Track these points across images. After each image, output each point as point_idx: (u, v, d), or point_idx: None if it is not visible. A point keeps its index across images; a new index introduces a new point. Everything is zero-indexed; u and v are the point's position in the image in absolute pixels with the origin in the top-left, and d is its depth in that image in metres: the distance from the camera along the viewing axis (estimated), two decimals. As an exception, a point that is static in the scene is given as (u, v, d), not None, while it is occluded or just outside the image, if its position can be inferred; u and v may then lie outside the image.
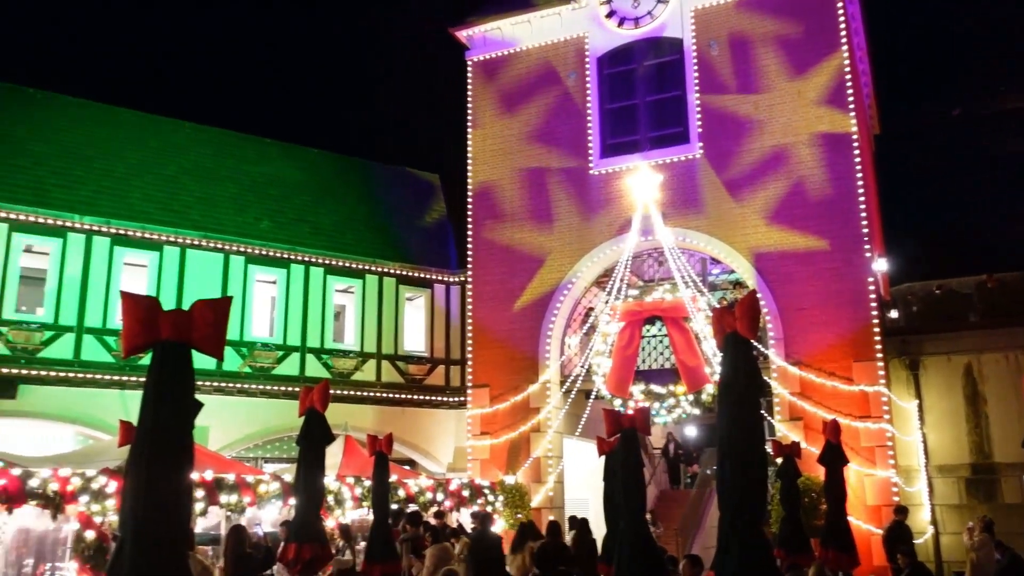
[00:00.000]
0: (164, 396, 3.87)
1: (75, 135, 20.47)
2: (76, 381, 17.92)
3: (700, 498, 19.39)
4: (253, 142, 23.84)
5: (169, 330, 3.88)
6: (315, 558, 7.17)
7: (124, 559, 8.01)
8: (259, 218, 21.30)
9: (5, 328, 17.40)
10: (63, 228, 18.36)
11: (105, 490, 11.34)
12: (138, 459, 3.86)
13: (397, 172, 25.98)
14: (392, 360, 21.87)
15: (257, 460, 20.09)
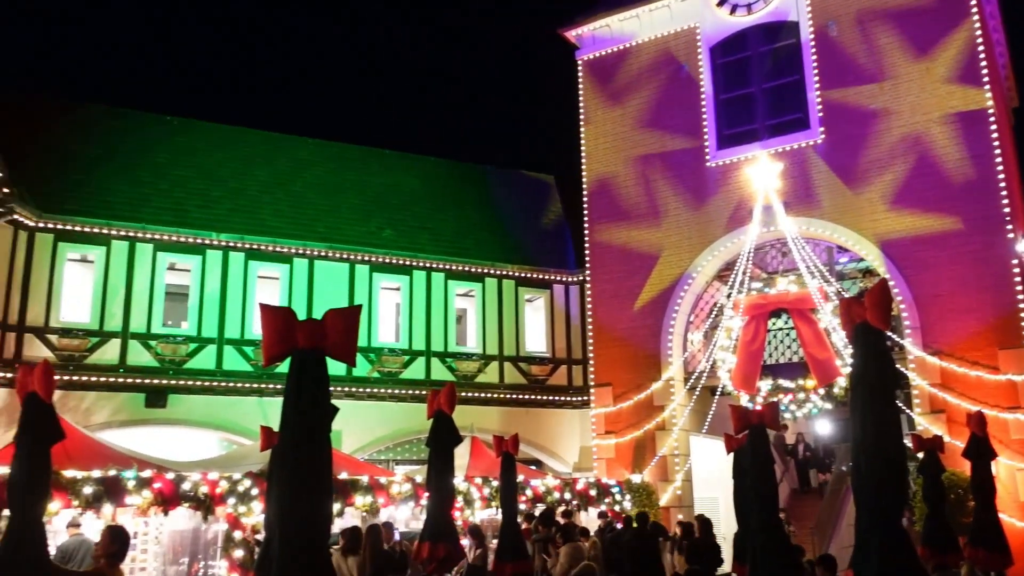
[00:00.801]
0: (302, 401, 4.09)
1: (210, 158, 21.67)
2: (218, 390, 18.95)
3: (836, 496, 18.69)
4: (373, 154, 24.62)
5: (304, 339, 4.09)
6: (448, 556, 7.36)
7: (271, 558, 8.42)
8: (381, 227, 21.95)
9: (154, 342, 18.58)
10: (202, 246, 19.46)
11: (250, 492, 11.94)
12: (281, 462, 4.08)
13: (512, 175, 26.26)
14: (514, 361, 22.11)
15: (388, 462, 20.68)
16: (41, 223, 17.88)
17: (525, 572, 10.04)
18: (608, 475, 17.95)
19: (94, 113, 21.56)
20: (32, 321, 17.63)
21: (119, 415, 17.88)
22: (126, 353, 18.31)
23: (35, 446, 5.86)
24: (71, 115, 20.97)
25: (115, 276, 18.55)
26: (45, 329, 17.71)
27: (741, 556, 8.81)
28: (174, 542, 12.51)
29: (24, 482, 5.76)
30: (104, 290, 18.40)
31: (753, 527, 7.05)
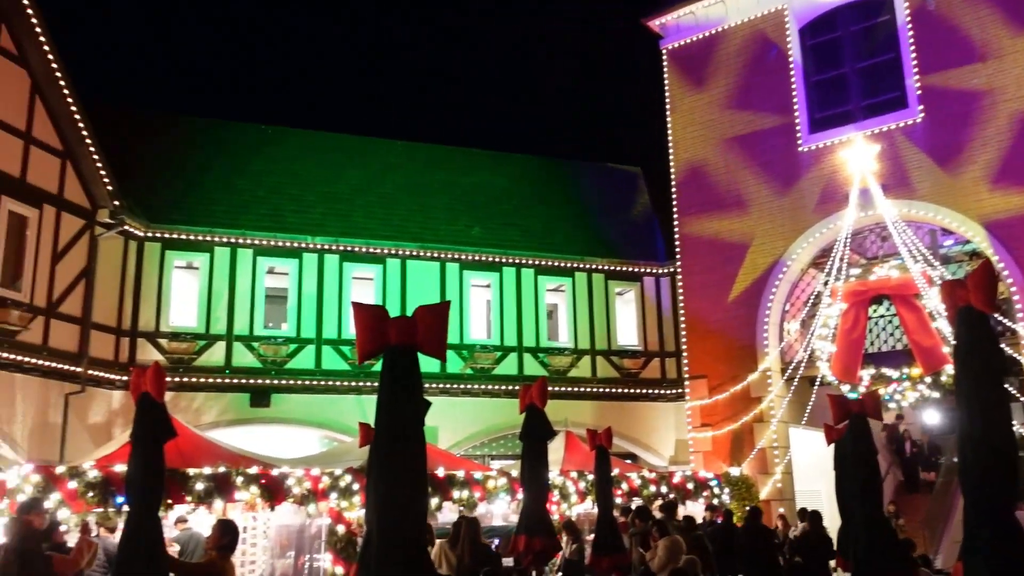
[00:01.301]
0: (396, 397, 4.20)
1: (303, 164, 22.32)
2: (318, 388, 19.52)
3: (946, 489, 17.96)
4: (461, 153, 24.91)
5: (396, 335, 4.20)
6: (544, 549, 7.41)
7: (372, 550, 8.64)
8: (470, 225, 22.19)
9: (256, 343, 19.27)
10: (299, 249, 20.07)
11: (351, 487, 12.28)
12: (378, 457, 4.20)
13: (599, 169, 26.15)
14: (606, 355, 22.03)
15: (484, 457, 20.91)
16: (149, 233, 18.76)
17: (622, 565, 10.01)
18: (705, 468, 17.71)
19: (194, 126, 22.48)
20: (144, 326, 18.53)
21: (226, 415, 18.62)
22: (231, 355, 19.05)
23: (149, 444, 6.19)
24: (173, 128, 21.92)
25: (218, 281, 19.32)
26: (156, 334, 18.59)
27: (845, 550, 8.57)
28: (281, 536, 12.94)
29: (140, 478, 6.09)
30: (209, 295, 19.18)
31: (856, 521, 6.86)
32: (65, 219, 17.01)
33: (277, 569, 12.60)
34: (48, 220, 16.63)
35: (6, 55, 15.90)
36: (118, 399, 17.96)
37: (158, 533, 6.17)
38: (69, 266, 17.02)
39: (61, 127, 16.90)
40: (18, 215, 16.01)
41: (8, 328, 15.37)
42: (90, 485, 10.65)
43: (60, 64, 16.50)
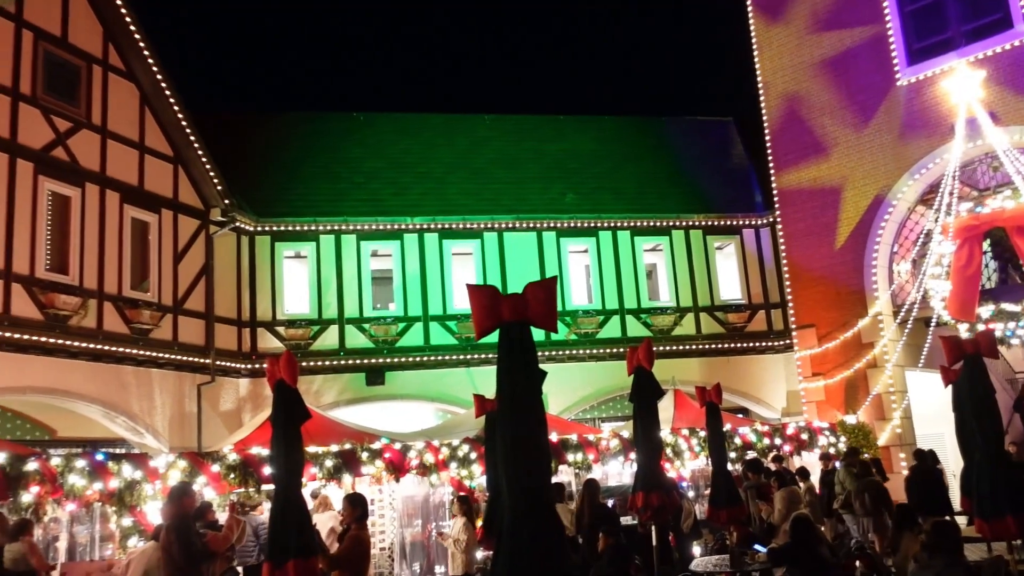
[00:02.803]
0: (514, 369, 4.47)
1: (396, 147, 22.88)
2: (428, 364, 20.15)
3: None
4: (548, 121, 25.00)
5: (509, 312, 4.46)
6: (663, 505, 7.63)
7: (498, 515, 9.01)
8: (564, 193, 22.33)
9: (367, 324, 20.02)
10: (399, 231, 20.67)
11: (469, 457, 12.76)
12: (502, 427, 4.49)
13: (689, 123, 25.81)
14: (710, 311, 21.91)
15: (594, 420, 21.21)
16: (259, 227, 19.67)
17: (740, 518, 10.15)
18: (820, 418, 17.52)
19: (290, 120, 23.31)
20: (262, 316, 19.51)
21: (344, 394, 19.46)
22: (344, 337, 19.86)
23: (288, 426, 6.68)
24: (271, 125, 22.80)
25: (326, 268, 20.12)
26: (273, 322, 19.55)
27: (968, 491, 8.46)
28: (407, 506, 13.56)
29: (283, 458, 6.60)
30: (319, 282, 20.01)
31: (976, 459, 6.81)
32: (182, 221, 18.02)
33: (407, 537, 13.23)
34: (167, 223, 17.66)
35: (116, 72, 16.88)
36: (244, 386, 19.03)
37: (304, 508, 6.68)
38: (189, 265, 18.06)
39: (170, 135, 17.85)
40: (140, 221, 17.06)
41: (142, 327, 16.48)
42: (230, 467, 11.43)
43: (165, 76, 17.41)
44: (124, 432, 16.40)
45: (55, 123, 15.45)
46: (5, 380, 14.02)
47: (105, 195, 16.25)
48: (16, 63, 14.89)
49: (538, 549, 4.19)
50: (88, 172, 15.98)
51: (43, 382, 14.64)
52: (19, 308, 14.26)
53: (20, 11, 15.07)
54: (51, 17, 15.71)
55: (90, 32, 16.47)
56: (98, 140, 16.30)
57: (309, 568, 6.48)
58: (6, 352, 13.95)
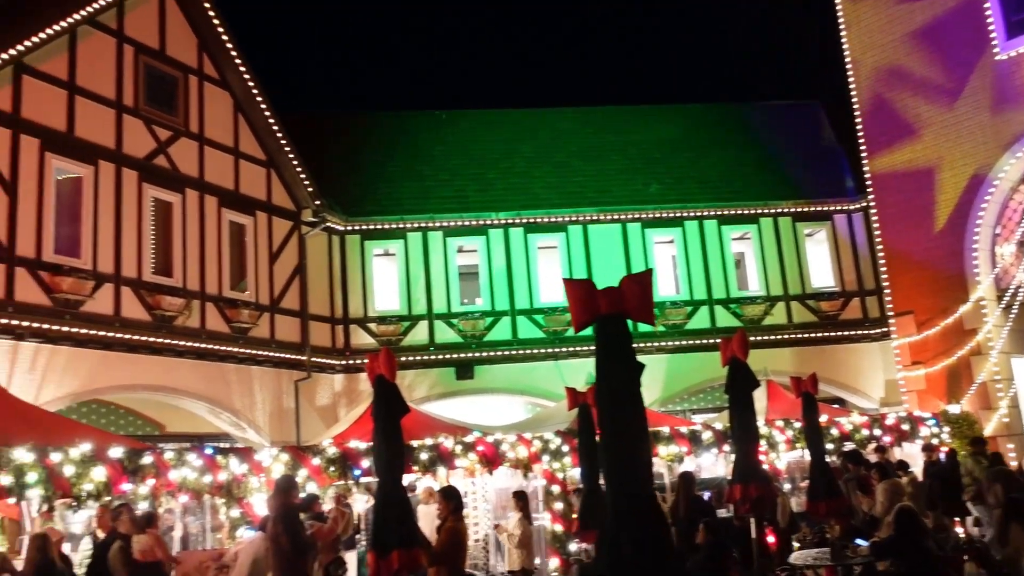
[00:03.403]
0: (612, 362, 4.51)
1: (479, 143, 23.09)
2: (517, 357, 20.31)
3: None
4: (630, 111, 24.83)
5: (606, 305, 4.50)
6: (761, 496, 7.55)
7: (592, 507, 9.04)
8: (648, 183, 22.16)
9: (455, 319, 20.31)
10: (484, 226, 20.88)
11: (561, 449, 12.84)
12: (602, 420, 4.54)
13: (774, 108, 25.25)
14: (801, 300, 21.44)
15: (684, 412, 21.01)
16: (349, 226, 20.17)
17: (840, 510, 9.94)
18: (920, 407, 16.97)
19: (375, 120, 23.78)
20: (353, 313, 20.00)
21: (435, 389, 19.79)
22: (433, 332, 20.19)
23: (388, 420, 6.87)
24: (357, 125, 23.31)
25: (414, 265, 20.48)
26: (365, 319, 20.02)
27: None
28: (500, 498, 13.71)
29: (384, 451, 6.80)
30: (407, 279, 20.39)
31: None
32: (276, 222, 18.61)
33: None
34: (262, 225, 18.27)
35: (211, 81, 17.54)
36: (339, 382, 19.55)
37: (406, 500, 6.87)
38: (284, 265, 18.65)
39: (263, 139, 18.45)
40: (237, 224, 17.71)
41: (241, 326, 17.11)
42: (330, 461, 11.79)
43: (256, 82, 18.00)
44: (228, 427, 17.07)
45: (156, 133, 16.15)
46: (118, 379, 14.76)
47: (204, 200, 16.92)
48: (119, 77, 15.62)
49: (642, 542, 4.22)
50: (188, 178, 16.66)
51: (152, 380, 15.35)
52: (129, 310, 14.98)
53: (121, 27, 15.79)
54: (150, 31, 16.41)
55: (186, 44, 17.15)
56: (196, 147, 16.96)
57: (412, 558, 6.66)
58: (118, 352, 14.68)
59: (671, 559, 4.42)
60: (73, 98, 14.69)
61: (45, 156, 14.05)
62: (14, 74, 13.70)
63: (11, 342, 13.04)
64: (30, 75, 13.99)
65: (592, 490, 9.52)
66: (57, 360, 13.68)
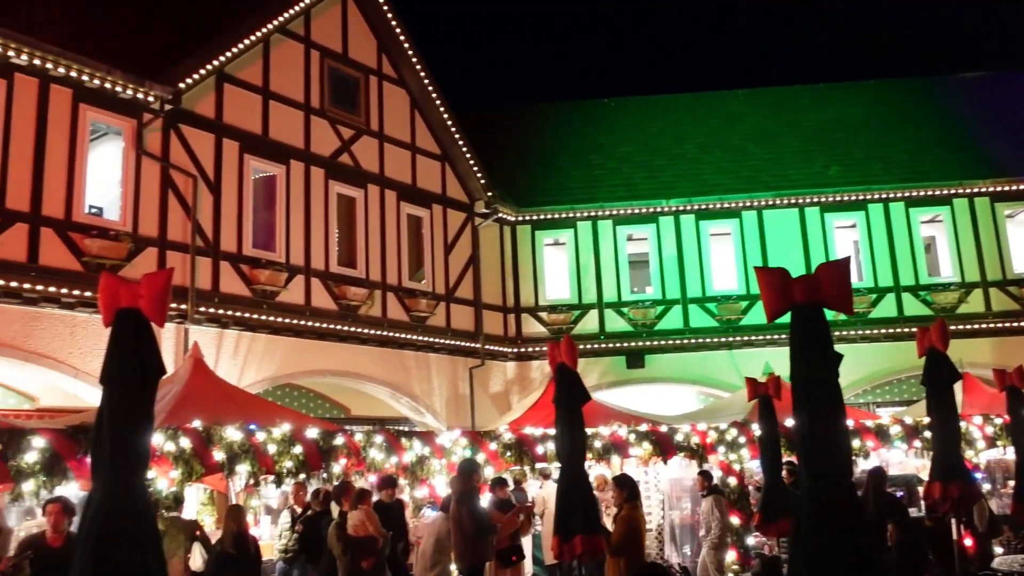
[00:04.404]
0: (809, 353, 4.38)
1: (648, 129, 22.86)
2: (688, 347, 19.99)
3: None
4: (806, 91, 23.84)
5: (801, 293, 4.36)
6: (963, 496, 7.09)
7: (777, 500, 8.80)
8: (827, 165, 21.19)
9: (625, 308, 20.24)
10: (654, 214, 20.66)
11: (738, 441, 12.56)
12: (798, 410, 4.41)
13: (969, 81, 23.48)
14: (1001, 286, 19.84)
15: (868, 405, 19.98)
16: (519, 217, 20.51)
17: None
18: None
19: (544, 111, 24.04)
20: (525, 302, 20.35)
21: (606, 377, 19.81)
22: (603, 321, 20.22)
23: (570, 408, 6.98)
24: (526, 116, 23.65)
25: (584, 254, 20.57)
26: (536, 308, 20.32)
27: None
28: (674, 488, 13.58)
29: (567, 438, 6.91)
30: (577, 267, 20.51)
31: None
32: (450, 214, 19.21)
33: (675, 519, 13.28)
34: (437, 217, 18.91)
35: (389, 80, 18.31)
36: (511, 369, 19.97)
37: (588, 487, 6.96)
38: (458, 255, 19.23)
39: (437, 134, 19.08)
40: (414, 216, 18.42)
41: (419, 315, 17.81)
42: (507, 446, 12.09)
43: (431, 80, 18.62)
44: (407, 411, 17.83)
45: (340, 132, 17.04)
46: (308, 364, 15.73)
47: (384, 194, 17.70)
48: (307, 80, 16.58)
49: (841, 537, 4.09)
50: (369, 174, 17.48)
51: (339, 366, 16.26)
52: (318, 300, 15.93)
53: (308, 33, 16.75)
54: (333, 36, 17.31)
55: (366, 46, 17.97)
56: (376, 144, 17.76)
57: (594, 543, 6.76)
58: (309, 339, 15.65)
59: (871, 554, 4.25)
60: (267, 103, 15.74)
61: (244, 158, 15.15)
62: (216, 83, 14.84)
63: (217, 330, 14.18)
64: (230, 83, 15.10)
65: (774, 483, 9.27)
66: (256, 346, 14.75)
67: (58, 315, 12.27)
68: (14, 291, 11.69)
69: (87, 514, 4.45)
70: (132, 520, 4.39)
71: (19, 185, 12.08)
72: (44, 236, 12.24)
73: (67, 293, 12.18)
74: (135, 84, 13.29)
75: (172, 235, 13.84)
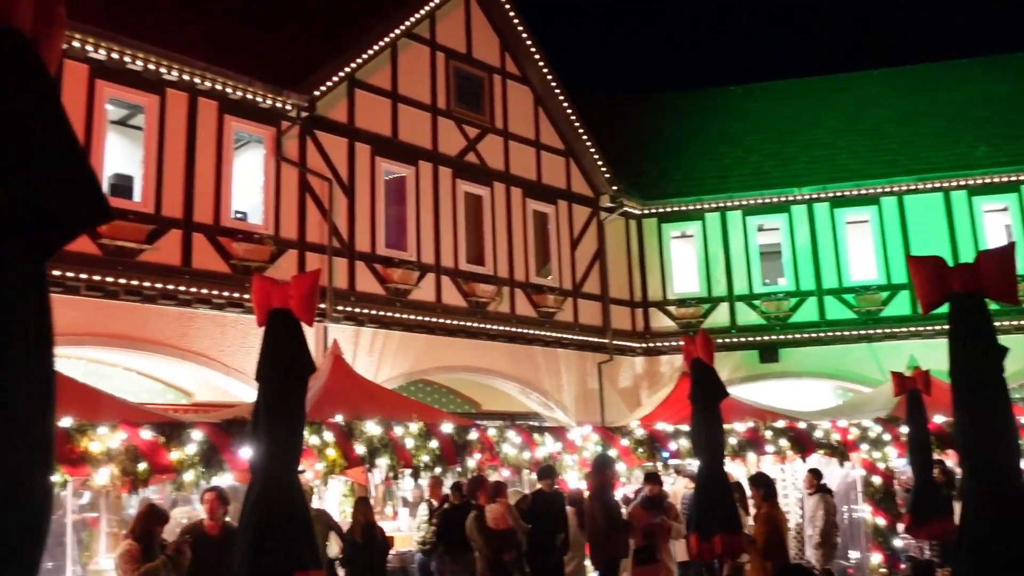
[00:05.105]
0: (968, 345, 4.14)
1: (777, 116, 22.16)
2: (825, 340, 19.25)
3: None
4: (947, 68, 22.57)
5: (960, 283, 4.13)
6: None
7: (928, 500, 8.39)
8: (973, 146, 19.95)
9: (757, 301, 19.69)
10: (786, 203, 20.00)
11: (882, 438, 12.02)
12: (958, 405, 4.18)
13: None
14: None
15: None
16: (645, 210, 20.30)
17: None
18: None
19: (665, 101, 23.68)
20: (652, 296, 20.13)
21: (738, 372, 19.34)
22: (734, 314, 19.75)
23: (706, 404, 6.86)
24: (649, 107, 23.36)
25: (713, 246, 20.14)
26: (664, 302, 20.06)
27: None
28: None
29: (704, 435, 6.79)
30: (706, 260, 20.10)
31: None
32: (575, 209, 19.21)
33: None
34: (562, 213, 18.94)
35: (512, 78, 18.47)
36: (639, 364, 19.79)
37: (727, 484, 6.82)
38: (584, 250, 19.21)
39: (561, 130, 19.11)
40: (540, 213, 18.52)
41: (546, 310, 17.90)
42: (638, 442, 11.99)
43: (554, 75, 18.66)
44: (537, 407, 17.95)
45: (466, 131, 17.31)
46: (440, 360, 16.07)
47: (510, 191, 17.87)
48: (433, 82, 16.93)
49: (1010, 542, 3.85)
50: (495, 172, 17.69)
51: (469, 362, 16.54)
52: (448, 297, 16.25)
53: (434, 36, 17.09)
54: (457, 37, 17.59)
55: (489, 45, 18.17)
56: (501, 142, 17.95)
57: (735, 543, 6.62)
58: (440, 336, 15.99)
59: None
60: (396, 105, 16.16)
61: (375, 160, 15.61)
62: (348, 89, 15.35)
63: (353, 327, 14.68)
64: (361, 88, 15.59)
65: (925, 483, 8.82)
66: (390, 343, 15.19)
67: (209, 315, 12.99)
68: (170, 293, 12.46)
69: (247, 504, 4.71)
70: (287, 510, 4.61)
71: (172, 193, 12.85)
72: (196, 241, 12.99)
73: (217, 294, 12.89)
74: (274, 94, 13.92)
75: (310, 237, 14.42)
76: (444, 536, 9.60)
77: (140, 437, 7.49)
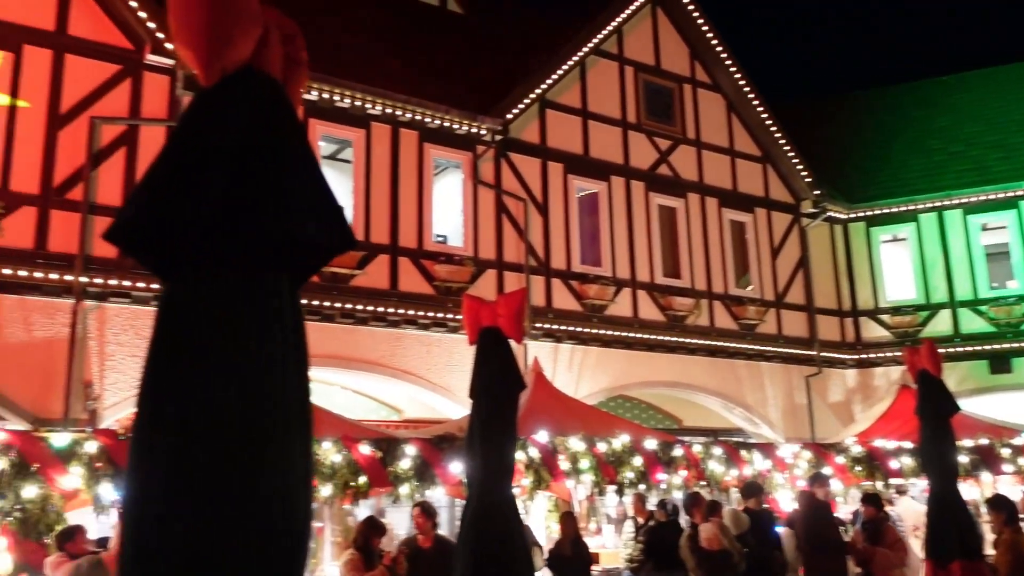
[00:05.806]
0: None
1: (996, 105, 20.33)
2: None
3: None
4: None
5: None
6: None
7: None
8: None
9: (984, 306, 18.05)
10: (1013, 198, 18.28)
11: None
12: None
13: None
14: None
15: None
16: (851, 214, 19.18)
17: None
18: None
19: (868, 98, 22.32)
20: (863, 305, 18.95)
21: (965, 384, 17.75)
22: (957, 321, 18.21)
23: (936, 419, 6.34)
24: (848, 106, 22.11)
25: (929, 248, 18.70)
26: (876, 310, 18.83)
27: None
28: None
29: (935, 453, 6.27)
30: (922, 264, 18.70)
31: None
32: (775, 217, 18.48)
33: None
34: (761, 221, 18.28)
35: (703, 86, 18.09)
36: (851, 377, 18.68)
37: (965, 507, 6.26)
38: (786, 259, 18.42)
39: (756, 136, 18.48)
40: (737, 222, 17.97)
41: (748, 322, 17.30)
42: (856, 460, 11.31)
43: (747, 80, 18.10)
44: (741, 422, 17.35)
45: (657, 143, 17.13)
46: (639, 375, 15.91)
47: (705, 202, 17.47)
48: (622, 97, 16.89)
49: None
50: (688, 183, 17.36)
51: (668, 376, 16.25)
52: (645, 312, 16.08)
53: (621, 50, 17.06)
54: (645, 49, 17.47)
55: (678, 55, 17.91)
56: (694, 153, 17.61)
57: (976, 570, 6.06)
58: (638, 351, 15.84)
59: None
60: (586, 123, 16.26)
61: (567, 178, 15.77)
62: (539, 110, 15.63)
63: (552, 344, 14.84)
64: (552, 108, 15.83)
65: None
66: (589, 359, 15.22)
67: (416, 335, 13.58)
68: (380, 315, 13.15)
69: (464, 520, 4.84)
70: (504, 526, 4.69)
71: (379, 221, 13.59)
72: (401, 264, 13.65)
73: (423, 315, 13.46)
74: (469, 120, 14.42)
75: (507, 256, 14.76)
76: (653, 554, 9.46)
77: (360, 452, 7.94)
